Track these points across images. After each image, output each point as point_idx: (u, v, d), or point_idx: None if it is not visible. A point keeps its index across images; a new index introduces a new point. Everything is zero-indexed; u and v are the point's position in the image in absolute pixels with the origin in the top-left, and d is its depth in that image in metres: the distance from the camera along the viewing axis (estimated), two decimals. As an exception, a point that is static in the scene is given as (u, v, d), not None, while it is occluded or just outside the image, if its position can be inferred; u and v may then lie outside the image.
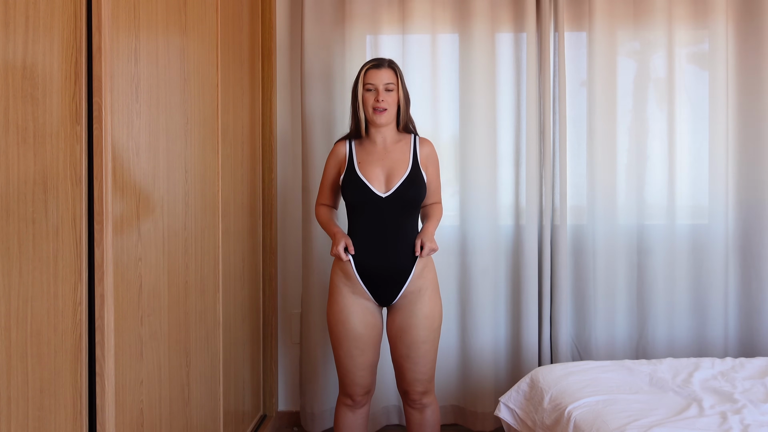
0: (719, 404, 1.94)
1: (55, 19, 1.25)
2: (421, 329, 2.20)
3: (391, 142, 2.27)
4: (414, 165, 2.23)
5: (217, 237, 2.20)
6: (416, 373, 2.24)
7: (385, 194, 2.19)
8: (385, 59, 2.27)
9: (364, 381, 2.27)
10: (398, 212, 2.20)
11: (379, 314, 2.28)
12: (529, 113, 2.84)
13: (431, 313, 2.22)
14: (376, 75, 2.21)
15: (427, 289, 2.23)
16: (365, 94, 2.22)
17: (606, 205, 2.87)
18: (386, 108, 2.20)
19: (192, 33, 1.94)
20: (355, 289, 2.22)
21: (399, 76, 2.24)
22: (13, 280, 1.14)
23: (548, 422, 2.03)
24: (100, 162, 1.34)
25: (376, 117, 2.21)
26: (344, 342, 2.22)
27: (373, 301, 2.24)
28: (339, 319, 2.22)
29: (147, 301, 1.60)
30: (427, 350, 2.22)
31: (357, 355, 2.22)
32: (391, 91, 2.22)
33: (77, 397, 1.32)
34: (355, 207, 2.24)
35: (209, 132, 2.12)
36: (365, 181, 2.20)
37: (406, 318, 2.21)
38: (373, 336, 2.24)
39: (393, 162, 2.23)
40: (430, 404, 2.31)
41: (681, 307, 2.90)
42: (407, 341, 2.21)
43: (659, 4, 2.86)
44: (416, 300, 2.21)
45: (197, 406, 2.00)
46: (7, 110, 1.13)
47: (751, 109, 2.87)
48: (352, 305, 2.21)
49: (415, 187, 2.21)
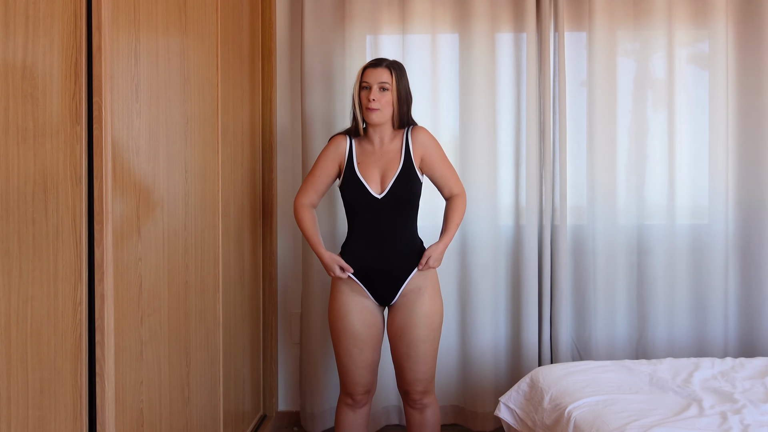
0: (719, 404, 1.94)
1: (55, 19, 1.25)
2: (421, 328, 2.20)
3: (387, 142, 2.27)
4: (406, 161, 2.22)
5: (217, 237, 2.20)
6: (416, 372, 2.24)
7: (380, 195, 2.19)
8: (387, 59, 2.26)
9: (364, 380, 2.27)
10: (394, 212, 2.20)
11: (379, 314, 2.28)
12: (529, 113, 2.84)
13: (431, 312, 2.22)
14: (372, 73, 2.20)
15: (427, 287, 2.23)
16: (361, 92, 2.22)
17: (606, 205, 2.87)
18: (377, 108, 2.18)
19: (192, 33, 1.94)
20: (354, 288, 2.23)
21: (396, 76, 2.21)
22: (13, 280, 1.14)
23: (548, 422, 2.03)
24: (100, 162, 1.34)
25: (367, 115, 2.21)
26: (343, 340, 2.23)
27: (373, 300, 2.25)
28: (338, 318, 2.23)
29: (147, 301, 1.60)
30: (426, 349, 2.22)
31: (356, 354, 2.23)
32: (386, 90, 2.20)
33: (77, 397, 1.32)
34: (354, 207, 2.24)
35: (209, 132, 2.12)
36: (363, 181, 2.21)
37: (405, 317, 2.22)
38: (372, 335, 2.24)
39: (387, 161, 2.23)
40: (430, 404, 2.31)
41: (681, 307, 2.90)
42: (407, 340, 2.21)
43: (659, 4, 2.86)
44: (416, 299, 2.21)
45: (197, 406, 2.00)
46: (7, 110, 1.13)
47: (751, 109, 2.87)
48: (351, 303, 2.22)
49: (408, 185, 2.20)
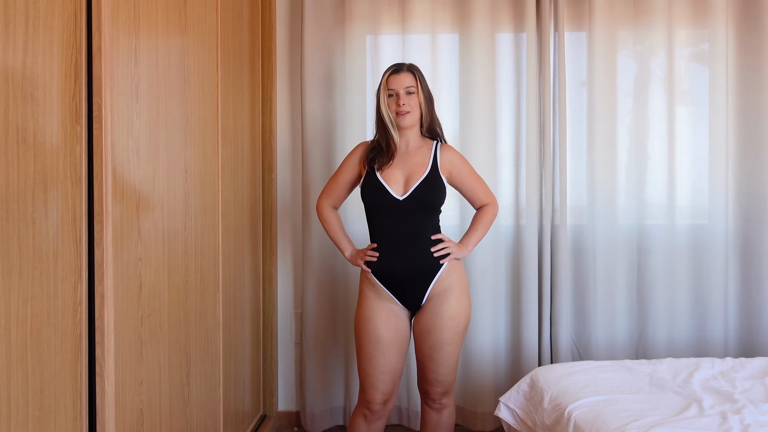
0: (719, 404, 1.94)
1: (55, 19, 1.25)
2: (446, 330, 2.18)
3: (413, 146, 2.27)
4: (433, 168, 2.22)
5: (217, 237, 2.20)
6: (438, 374, 2.22)
7: (402, 197, 2.19)
8: (405, 64, 2.27)
9: (385, 386, 2.21)
10: (416, 215, 2.19)
11: (406, 319, 2.25)
12: (529, 113, 2.84)
13: (457, 314, 2.19)
14: (396, 80, 2.22)
15: (453, 289, 2.20)
16: (388, 100, 2.24)
17: (606, 205, 2.87)
18: (409, 111, 2.21)
19: (192, 33, 1.94)
20: (381, 294, 2.21)
21: (418, 78, 2.25)
22: (13, 280, 1.14)
23: (548, 422, 2.03)
24: (100, 162, 1.34)
25: (399, 120, 2.22)
26: (365, 345, 2.20)
27: (401, 305, 2.23)
28: (362, 322, 2.21)
29: (147, 301, 1.60)
30: (451, 352, 2.20)
31: (378, 358, 2.18)
32: (413, 93, 2.23)
33: (77, 397, 1.32)
34: (374, 209, 2.23)
35: (209, 132, 2.12)
36: (383, 183, 2.20)
37: (431, 318, 2.19)
38: (396, 339, 2.20)
39: (413, 165, 2.23)
40: (448, 405, 2.29)
41: (681, 307, 2.90)
42: (431, 342, 2.19)
43: (659, 4, 2.86)
44: (442, 301, 2.19)
45: (197, 406, 2.00)
46: (7, 110, 1.12)
47: (751, 110, 2.87)
48: (376, 308, 2.20)
49: (433, 190, 2.20)
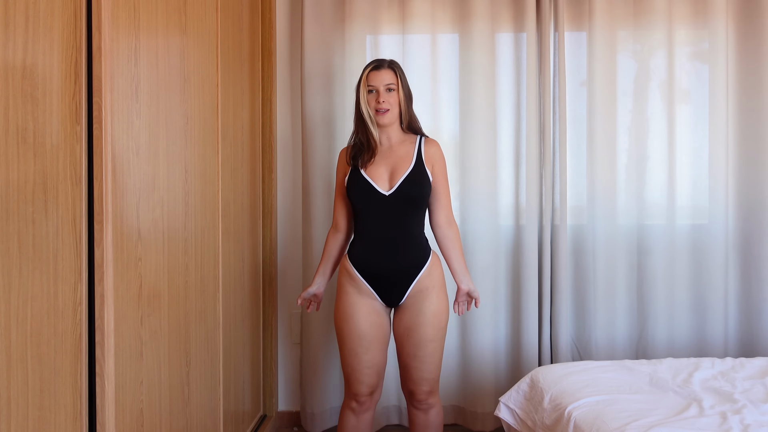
0: (719, 404, 1.94)
1: (55, 19, 1.25)
2: (429, 327, 2.19)
3: (396, 142, 2.27)
4: (417, 162, 2.22)
5: (217, 237, 2.20)
6: (423, 372, 2.23)
7: (388, 192, 2.19)
8: (386, 60, 2.27)
9: (370, 380, 2.23)
10: (402, 210, 2.20)
11: (386, 315, 2.27)
12: (529, 113, 2.84)
13: (439, 311, 2.21)
14: (377, 76, 2.22)
15: (434, 287, 2.21)
16: (368, 97, 2.23)
17: (606, 205, 2.87)
18: (388, 108, 2.21)
19: (192, 33, 1.94)
20: (361, 290, 2.21)
21: (399, 75, 2.24)
22: (13, 280, 1.14)
23: (548, 422, 2.03)
24: (100, 162, 1.34)
25: (378, 118, 2.22)
26: (348, 341, 2.21)
27: (380, 301, 2.24)
28: (344, 319, 2.21)
29: (147, 301, 1.60)
30: (434, 349, 2.21)
31: (361, 353, 2.20)
32: (393, 90, 2.23)
33: (77, 397, 1.32)
34: (360, 207, 2.23)
35: (209, 132, 2.12)
36: (369, 179, 2.20)
37: (413, 317, 2.20)
38: (378, 335, 2.22)
39: (396, 159, 2.23)
40: (435, 404, 2.29)
41: (681, 307, 2.90)
42: (415, 340, 2.20)
43: (659, 4, 2.86)
44: (423, 299, 2.20)
45: (197, 406, 2.00)
46: (7, 110, 1.12)
47: (751, 109, 2.87)
48: (358, 305, 2.20)
49: (418, 184, 2.20)
